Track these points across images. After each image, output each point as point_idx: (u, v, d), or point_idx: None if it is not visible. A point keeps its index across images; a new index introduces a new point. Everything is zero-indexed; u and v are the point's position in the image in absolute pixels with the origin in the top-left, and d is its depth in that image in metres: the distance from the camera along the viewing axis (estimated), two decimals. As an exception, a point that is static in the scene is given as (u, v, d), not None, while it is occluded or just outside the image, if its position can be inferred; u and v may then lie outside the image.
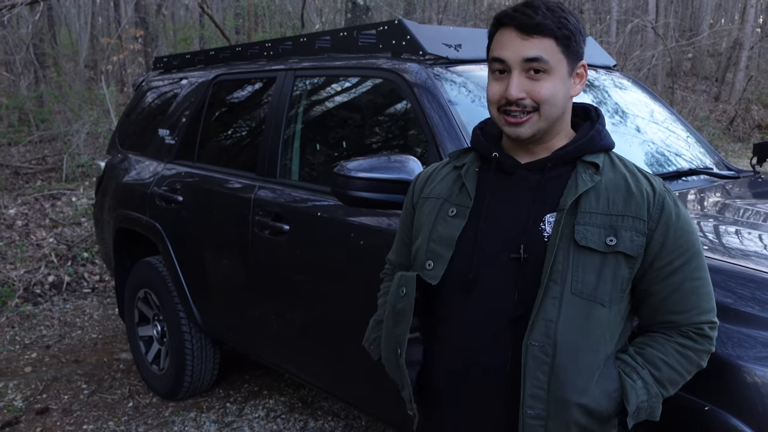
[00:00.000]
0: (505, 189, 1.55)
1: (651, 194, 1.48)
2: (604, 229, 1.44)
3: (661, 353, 1.49)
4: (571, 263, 1.44)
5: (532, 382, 1.43)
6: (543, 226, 1.48)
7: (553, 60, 1.45)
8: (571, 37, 1.47)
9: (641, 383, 1.46)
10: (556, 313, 1.43)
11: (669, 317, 1.50)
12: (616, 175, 1.51)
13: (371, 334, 1.83)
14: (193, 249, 3.49)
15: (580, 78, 1.54)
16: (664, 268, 1.47)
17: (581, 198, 1.47)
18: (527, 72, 1.46)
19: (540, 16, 1.44)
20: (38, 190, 8.16)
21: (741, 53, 17.46)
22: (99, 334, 4.90)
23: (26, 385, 4.07)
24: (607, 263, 1.44)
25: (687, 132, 3.23)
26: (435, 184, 1.67)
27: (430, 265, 1.56)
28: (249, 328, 3.24)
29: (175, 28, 17.65)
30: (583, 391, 1.43)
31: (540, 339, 1.43)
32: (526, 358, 1.43)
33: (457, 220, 1.55)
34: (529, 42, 1.45)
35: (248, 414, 3.69)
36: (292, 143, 3.07)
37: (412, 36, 2.65)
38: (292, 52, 3.32)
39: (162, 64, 4.43)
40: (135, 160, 4.14)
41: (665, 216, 1.47)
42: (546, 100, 1.46)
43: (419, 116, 2.48)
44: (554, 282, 1.44)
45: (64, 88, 11.16)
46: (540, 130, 1.49)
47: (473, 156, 1.63)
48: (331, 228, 2.67)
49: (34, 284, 5.66)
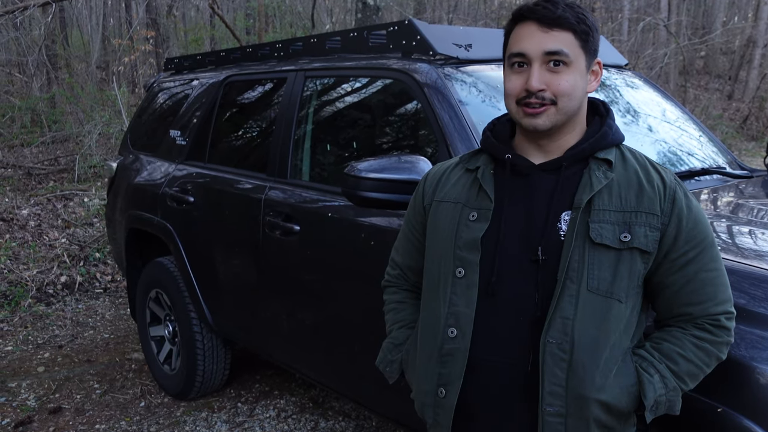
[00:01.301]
0: (521, 191, 1.54)
1: (662, 188, 1.49)
2: (618, 226, 1.45)
3: (678, 347, 1.49)
4: (587, 261, 1.44)
5: (551, 380, 1.44)
6: (560, 226, 1.49)
7: (573, 53, 1.47)
8: (589, 33, 1.49)
9: (658, 377, 1.47)
10: (573, 311, 1.44)
11: (684, 309, 1.50)
12: (628, 170, 1.51)
13: (388, 356, 1.79)
14: (204, 249, 3.50)
15: (595, 75, 1.56)
16: (678, 259, 1.48)
17: (595, 195, 1.47)
18: (547, 64, 1.46)
19: (560, 10, 1.46)
20: (51, 190, 8.22)
21: (755, 51, 17.34)
22: (111, 334, 4.93)
23: (39, 385, 4.09)
24: (622, 259, 1.45)
25: (699, 131, 3.21)
26: (448, 188, 1.65)
27: (461, 272, 1.54)
28: (260, 328, 3.25)
29: (186, 29, 17.71)
30: (602, 387, 1.44)
31: (557, 336, 1.44)
32: (543, 356, 1.44)
33: (480, 224, 1.54)
34: (550, 35, 1.46)
35: (259, 414, 3.69)
36: (302, 144, 3.07)
37: (423, 36, 2.65)
38: (303, 52, 3.32)
39: (173, 65, 4.45)
40: (146, 161, 4.15)
41: (677, 209, 1.48)
42: (565, 93, 1.47)
43: (429, 116, 2.47)
44: (570, 280, 1.44)
45: (76, 89, 11.22)
46: (557, 122, 1.49)
47: (486, 158, 1.62)
48: (341, 228, 2.67)
49: (47, 284, 5.69)
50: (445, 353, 1.55)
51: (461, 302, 1.53)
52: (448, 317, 1.55)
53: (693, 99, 15.49)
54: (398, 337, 1.78)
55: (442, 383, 1.56)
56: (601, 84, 3.04)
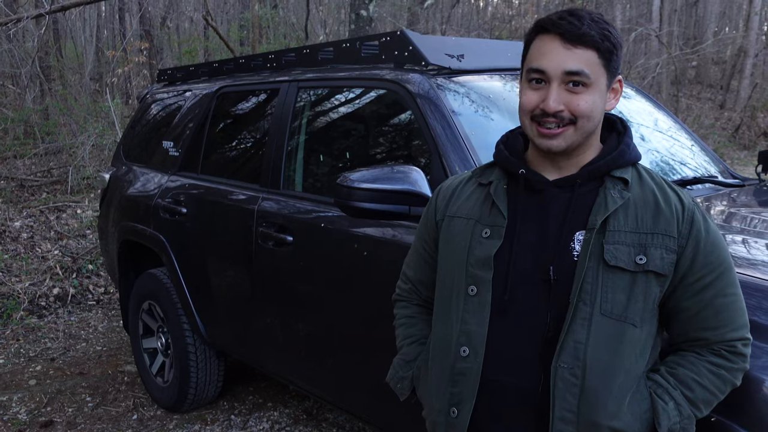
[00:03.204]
0: (535, 207, 1.51)
1: (680, 210, 1.45)
2: (634, 248, 1.41)
3: (694, 373, 1.45)
4: (601, 283, 1.41)
5: (562, 405, 1.41)
6: (573, 245, 1.45)
7: (594, 73, 1.41)
8: (613, 51, 1.43)
9: (673, 404, 1.43)
10: (586, 335, 1.40)
11: (700, 334, 1.46)
12: (644, 190, 1.47)
13: (399, 372, 1.76)
14: (197, 261, 3.49)
15: (615, 93, 1.50)
16: (695, 284, 1.44)
17: (610, 216, 1.43)
18: (566, 84, 1.41)
19: (586, 26, 1.40)
20: (43, 202, 8.19)
21: (746, 61, 17.48)
22: (104, 347, 4.90)
23: (30, 398, 4.06)
24: (637, 282, 1.41)
25: (692, 140, 3.22)
26: (461, 203, 1.61)
27: (473, 290, 1.51)
28: (253, 340, 3.23)
29: (179, 41, 17.73)
30: (615, 414, 1.40)
31: (569, 361, 1.40)
32: (555, 380, 1.41)
33: (493, 241, 1.50)
34: (572, 53, 1.40)
35: (253, 426, 3.67)
36: (295, 154, 3.07)
37: (415, 47, 2.65)
38: (296, 63, 3.32)
39: (166, 77, 4.45)
40: (139, 172, 4.15)
41: (695, 231, 1.43)
42: (584, 114, 1.42)
43: (422, 127, 2.48)
44: (583, 303, 1.41)
45: (70, 101, 11.21)
46: (574, 143, 1.45)
47: (499, 172, 1.58)
48: (334, 239, 2.67)
49: (39, 297, 5.66)
50: (457, 372, 1.52)
51: (473, 320, 1.50)
52: (460, 335, 1.52)
53: (685, 108, 15.57)
54: (409, 353, 1.75)
55: (454, 403, 1.53)
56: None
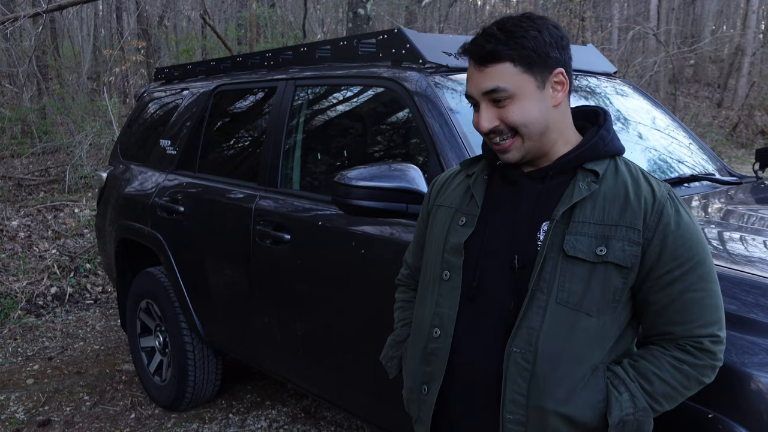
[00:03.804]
0: (509, 198, 1.55)
1: (650, 202, 1.44)
2: (596, 239, 1.42)
3: (655, 367, 1.45)
4: (559, 272, 1.43)
5: (513, 388, 1.45)
6: (539, 235, 1.48)
7: (512, 84, 1.43)
8: (531, 55, 1.43)
9: (628, 396, 1.43)
10: (540, 322, 1.43)
11: (667, 328, 1.46)
12: (617, 182, 1.47)
13: (390, 352, 1.83)
14: (195, 259, 3.48)
15: (561, 85, 1.49)
16: (663, 277, 1.43)
17: (576, 207, 1.45)
18: (493, 102, 1.46)
19: (492, 43, 1.42)
20: (41, 201, 8.17)
21: (743, 59, 17.49)
22: (101, 346, 4.89)
23: (28, 397, 4.05)
24: (595, 273, 1.42)
25: (689, 138, 3.22)
26: (448, 193, 1.68)
27: (446, 275, 1.57)
28: (251, 338, 3.23)
29: (177, 39, 17.70)
30: (564, 400, 1.42)
31: (522, 346, 1.44)
32: (507, 364, 1.45)
33: (466, 229, 1.56)
34: (485, 73, 1.44)
35: (251, 425, 3.67)
36: (293, 153, 3.07)
37: (412, 44, 2.65)
38: (293, 61, 3.32)
39: (163, 75, 4.44)
40: (137, 171, 4.14)
41: (663, 224, 1.43)
42: (519, 124, 1.45)
43: (420, 125, 2.47)
44: (540, 291, 1.44)
45: (67, 100, 11.19)
46: (528, 150, 1.49)
47: (483, 164, 1.64)
48: (332, 237, 2.66)
49: (37, 296, 5.65)
50: (429, 352, 1.58)
51: (445, 304, 1.56)
52: (434, 318, 1.59)
53: (683, 107, 15.58)
54: (400, 334, 1.82)
55: (425, 381, 1.60)
56: (591, 92, 3.05)
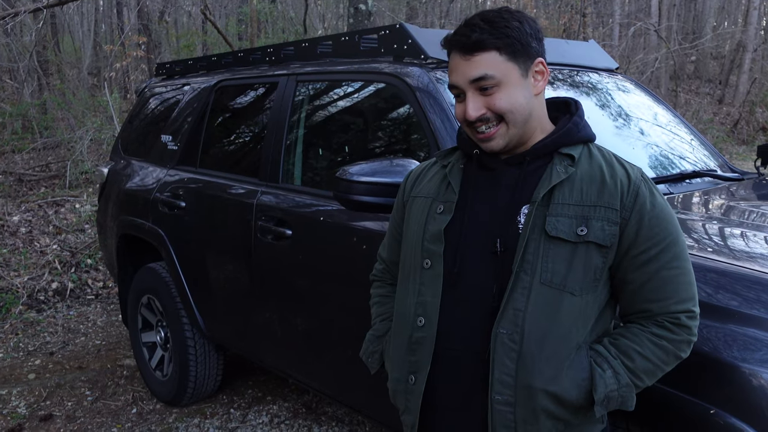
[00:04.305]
0: (487, 184, 1.58)
1: (626, 183, 1.49)
2: (576, 220, 1.47)
3: (635, 344, 1.49)
4: (541, 253, 1.47)
5: (501, 369, 1.47)
6: (519, 219, 1.51)
7: (499, 72, 1.47)
8: (514, 44, 1.48)
9: (611, 372, 1.47)
10: (525, 303, 1.46)
11: (644, 306, 1.50)
12: (592, 166, 1.53)
13: (370, 347, 1.84)
14: (196, 255, 3.48)
15: (541, 75, 1.54)
16: (639, 256, 1.48)
17: (555, 190, 1.49)
18: (479, 90, 1.49)
19: (477, 32, 1.46)
20: (42, 197, 8.18)
21: (744, 56, 17.46)
22: (102, 341, 4.90)
23: (30, 392, 4.06)
24: (577, 253, 1.46)
25: (691, 135, 3.22)
26: (423, 184, 1.71)
27: (428, 263, 1.59)
28: (252, 334, 3.23)
29: (178, 35, 17.69)
30: (552, 379, 1.45)
31: (508, 327, 1.46)
32: (494, 345, 1.47)
33: (444, 216, 1.59)
34: (471, 62, 1.47)
35: (252, 420, 3.68)
36: (294, 148, 3.07)
37: (414, 40, 2.65)
38: (294, 57, 3.32)
39: (164, 71, 4.44)
40: (138, 166, 4.14)
41: (639, 204, 1.48)
42: (506, 110, 1.49)
43: (421, 120, 2.47)
44: (524, 272, 1.47)
45: (68, 96, 11.20)
46: (512, 137, 1.52)
47: (458, 154, 1.67)
48: (333, 232, 2.67)
49: (38, 291, 5.66)
50: (414, 341, 1.60)
51: (428, 292, 1.58)
52: (417, 307, 1.60)
53: (684, 103, 15.57)
54: (380, 329, 1.83)
55: (412, 371, 1.61)
56: (592, 87, 3.05)
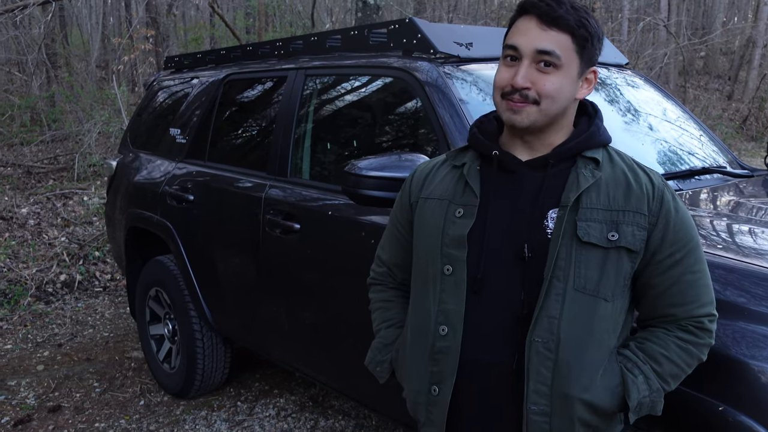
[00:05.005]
0: (508, 187, 1.54)
1: (650, 189, 1.48)
2: (606, 225, 1.45)
3: (662, 348, 1.49)
4: (574, 259, 1.44)
5: (536, 378, 1.44)
6: (546, 223, 1.48)
7: (565, 57, 1.44)
8: (588, 39, 1.46)
9: (642, 378, 1.47)
10: (559, 310, 1.44)
11: (668, 310, 1.50)
12: (615, 170, 1.51)
13: (378, 356, 1.78)
14: (204, 248, 3.50)
15: (588, 83, 1.53)
16: (665, 260, 1.47)
17: (582, 194, 1.47)
18: (537, 63, 1.44)
19: (563, 10, 1.43)
20: (50, 189, 8.21)
21: (754, 51, 17.34)
22: (110, 333, 4.93)
23: (38, 383, 4.09)
24: (609, 258, 1.45)
25: (700, 130, 3.21)
26: (435, 185, 1.64)
27: (449, 269, 1.53)
28: (260, 327, 3.24)
29: (185, 28, 17.72)
30: (587, 387, 1.44)
31: (543, 335, 1.44)
32: (529, 354, 1.44)
33: (466, 220, 1.53)
34: (546, 33, 1.43)
35: (259, 413, 3.69)
36: (302, 142, 3.07)
37: (423, 34, 2.64)
38: (303, 51, 3.32)
39: (173, 64, 4.45)
40: (146, 160, 4.15)
41: (665, 210, 1.47)
42: (549, 95, 1.45)
43: (430, 115, 2.47)
44: (557, 279, 1.44)
45: (76, 88, 11.22)
46: (536, 122, 1.47)
47: (472, 154, 1.62)
48: (341, 227, 2.67)
49: (46, 283, 5.69)
50: (437, 351, 1.55)
51: (450, 300, 1.53)
52: (438, 315, 1.55)
53: (693, 99, 15.49)
54: (387, 336, 1.77)
55: (434, 381, 1.56)
56: (601, 83, 3.04)
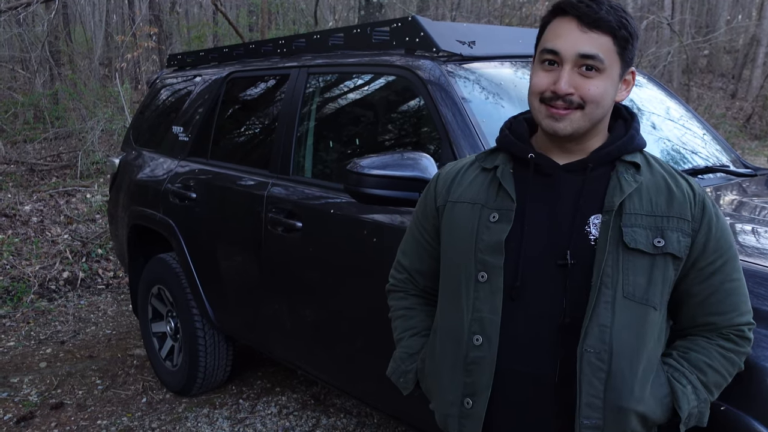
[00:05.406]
0: (545, 191, 1.48)
1: (692, 195, 1.45)
2: (651, 231, 1.41)
3: (706, 357, 1.46)
4: (621, 266, 1.40)
5: (588, 391, 1.38)
6: (588, 229, 1.43)
7: (608, 60, 1.40)
8: (629, 40, 1.42)
9: (691, 388, 1.44)
10: (611, 318, 1.39)
11: (709, 319, 1.47)
12: (655, 175, 1.47)
13: (402, 366, 1.70)
14: (207, 246, 3.50)
15: (627, 84, 1.49)
16: (706, 268, 1.45)
17: (625, 199, 1.42)
18: (579, 68, 1.39)
19: (604, 11, 1.38)
20: (53, 186, 8.22)
21: (758, 50, 17.31)
22: (113, 330, 4.93)
23: (41, 380, 4.09)
24: (656, 265, 1.41)
25: (703, 129, 3.20)
26: (464, 188, 1.57)
27: (483, 276, 1.46)
28: (262, 325, 3.25)
29: (189, 26, 17.72)
30: (640, 399, 1.40)
31: (595, 345, 1.38)
32: (581, 365, 1.38)
33: (502, 225, 1.47)
34: (588, 36, 1.38)
35: (261, 410, 3.69)
36: (305, 140, 3.07)
37: (426, 33, 2.64)
38: (306, 49, 3.31)
39: (176, 62, 4.45)
40: (149, 157, 4.15)
41: (707, 216, 1.45)
42: (594, 100, 1.40)
43: (432, 113, 2.47)
44: (605, 286, 1.39)
45: (79, 86, 11.24)
46: (579, 128, 1.43)
47: (504, 157, 1.55)
48: (344, 225, 2.67)
49: (49, 280, 5.70)
50: (471, 362, 1.48)
51: (486, 308, 1.46)
52: (472, 324, 1.48)
53: (696, 98, 15.47)
54: (412, 345, 1.69)
55: (468, 393, 1.49)
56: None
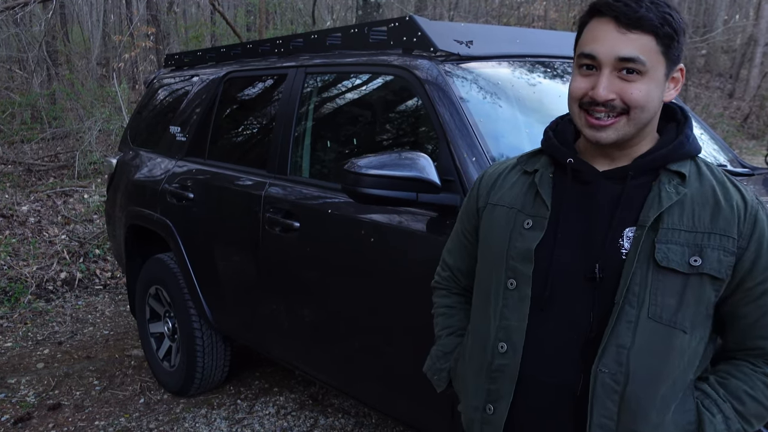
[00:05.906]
0: (582, 199, 1.40)
1: (742, 208, 1.33)
2: (689, 248, 1.30)
3: (747, 385, 1.36)
4: (650, 285, 1.31)
5: (600, 411, 1.33)
6: (621, 242, 1.35)
7: (650, 61, 1.30)
8: (673, 37, 1.31)
9: (721, 418, 1.35)
10: (631, 339, 1.31)
11: (758, 343, 1.37)
12: (704, 185, 1.35)
13: (438, 364, 1.69)
14: (204, 246, 3.49)
15: (675, 83, 1.38)
16: (755, 288, 1.34)
17: (663, 213, 1.32)
18: (619, 71, 1.31)
19: (644, 8, 1.28)
20: (51, 187, 8.21)
21: (756, 49, 17.35)
22: (110, 331, 4.93)
23: (38, 381, 4.09)
24: (690, 285, 1.31)
25: (701, 129, 3.20)
26: (504, 191, 1.52)
27: (512, 284, 1.43)
28: (259, 325, 3.24)
29: (186, 26, 17.71)
30: (657, 425, 1.33)
31: (611, 366, 1.32)
32: (594, 385, 1.33)
33: (535, 233, 1.42)
34: (627, 38, 1.29)
35: (259, 411, 3.69)
36: (302, 140, 3.07)
37: (423, 32, 2.64)
38: (303, 49, 3.31)
39: (173, 61, 4.44)
40: (146, 157, 4.15)
41: (758, 232, 1.32)
42: (638, 104, 1.31)
43: (430, 113, 2.47)
44: (630, 305, 1.31)
45: (77, 86, 11.22)
46: (625, 135, 1.34)
47: (545, 160, 1.48)
48: (341, 225, 2.67)
49: (47, 281, 5.69)
50: (495, 369, 1.45)
51: (513, 316, 1.42)
52: (499, 331, 1.45)
53: (694, 97, 15.50)
54: (447, 344, 1.68)
55: (491, 399, 1.46)
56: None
